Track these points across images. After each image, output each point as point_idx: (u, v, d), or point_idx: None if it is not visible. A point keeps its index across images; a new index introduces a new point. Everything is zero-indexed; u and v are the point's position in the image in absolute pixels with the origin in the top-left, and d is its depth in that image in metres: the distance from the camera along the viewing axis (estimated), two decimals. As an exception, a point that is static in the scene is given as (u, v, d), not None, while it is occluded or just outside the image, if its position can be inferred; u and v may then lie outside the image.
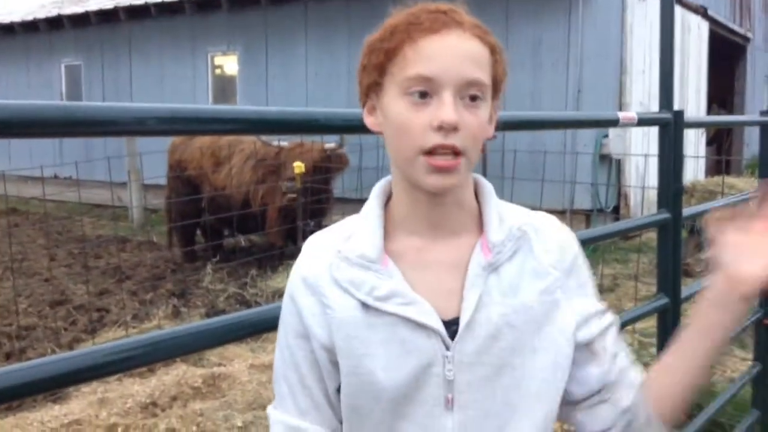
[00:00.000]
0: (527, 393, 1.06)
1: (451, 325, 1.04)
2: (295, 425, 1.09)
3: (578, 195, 8.99)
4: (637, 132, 9.18)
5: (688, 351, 1.10)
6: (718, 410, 3.01)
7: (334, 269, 1.07)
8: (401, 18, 1.04)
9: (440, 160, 0.99)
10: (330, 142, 7.52)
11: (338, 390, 1.09)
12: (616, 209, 9.45)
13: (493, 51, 1.05)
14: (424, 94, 0.99)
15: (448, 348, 1.03)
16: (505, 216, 1.10)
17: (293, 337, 1.10)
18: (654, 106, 2.42)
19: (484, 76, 1.02)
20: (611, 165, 9.43)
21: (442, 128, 0.98)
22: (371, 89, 1.07)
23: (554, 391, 1.08)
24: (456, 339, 1.04)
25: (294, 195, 7.21)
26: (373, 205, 1.11)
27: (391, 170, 1.12)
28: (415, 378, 1.03)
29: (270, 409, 1.14)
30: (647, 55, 9.73)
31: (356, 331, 1.04)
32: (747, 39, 15.82)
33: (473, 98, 1.01)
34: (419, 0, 1.06)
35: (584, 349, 1.11)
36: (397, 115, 1.01)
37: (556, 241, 1.12)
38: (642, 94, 9.75)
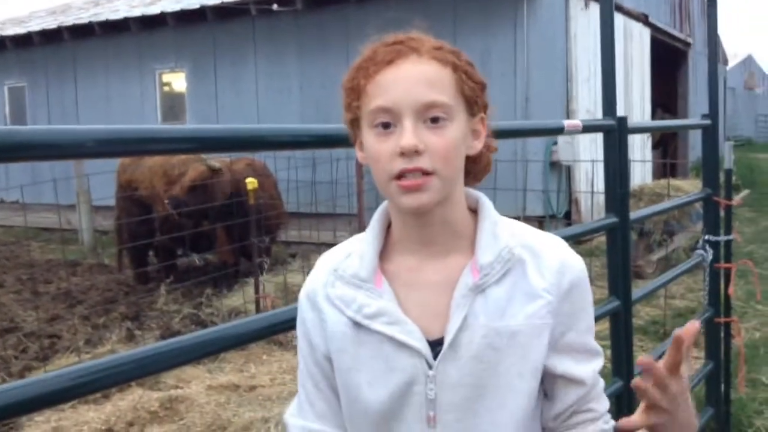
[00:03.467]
0: (511, 415, 1.07)
1: (436, 345, 1.07)
2: (316, 429, 1.15)
3: (530, 202, 9.12)
4: (585, 138, 9.35)
5: None
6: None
7: (329, 287, 1.13)
8: (364, 56, 1.09)
9: (408, 181, 1.03)
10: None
11: None
12: (567, 215, 9.61)
13: (455, 69, 1.08)
14: (387, 125, 1.04)
15: (431, 367, 1.06)
16: (500, 236, 1.11)
17: (306, 346, 1.17)
18: (600, 113, 2.48)
19: (445, 96, 1.05)
20: (561, 171, 9.59)
21: (404, 154, 1.02)
22: (354, 126, 1.12)
23: (532, 410, 1.10)
24: (438, 359, 1.06)
25: (175, 211, 7.09)
26: (373, 226, 1.16)
27: None
28: (398, 395, 1.07)
29: (287, 417, 1.19)
30: (592, 63, 9.94)
31: (346, 346, 1.10)
32: (688, 44, 16.30)
33: (435, 120, 1.04)
34: (383, 30, 1.11)
35: (568, 382, 1.12)
36: (369, 147, 1.07)
37: (554, 265, 1.10)
38: (588, 101, 9.96)
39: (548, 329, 1.08)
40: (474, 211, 1.15)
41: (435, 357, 1.06)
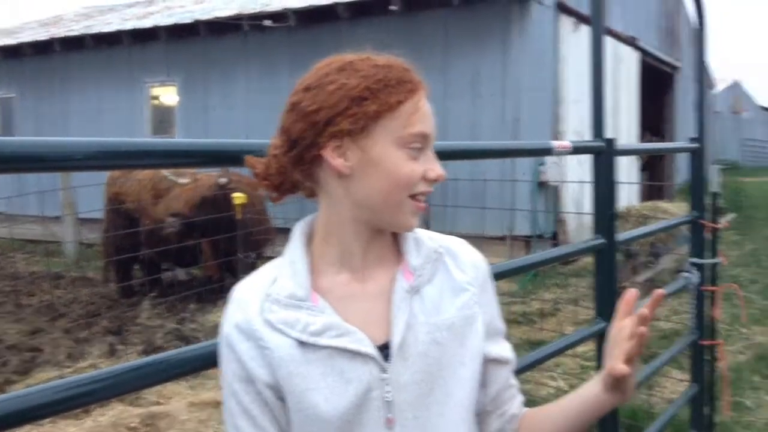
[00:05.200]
0: (458, 402, 1.15)
1: (383, 350, 1.11)
2: None
3: (518, 222, 9.14)
4: (572, 160, 9.41)
5: (568, 411, 1.23)
6: (657, 430, 3.07)
7: (266, 312, 1.11)
8: (387, 71, 1.10)
9: (422, 203, 1.13)
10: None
11: None
12: (554, 235, 9.65)
13: None
14: (418, 149, 1.11)
15: (384, 371, 1.10)
16: (422, 241, 1.20)
17: (238, 383, 1.12)
18: (589, 135, 2.51)
19: None
20: (549, 192, 9.63)
21: (433, 181, 1.13)
22: (348, 134, 1.08)
23: (474, 396, 1.19)
24: (390, 362, 1.10)
25: (174, 230, 7.09)
26: (296, 246, 1.17)
27: (331, 210, 1.14)
28: (356, 404, 1.09)
29: None
30: (582, 85, 10.03)
31: (296, 368, 1.08)
32: (676, 68, 16.49)
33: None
34: (360, 42, 1.14)
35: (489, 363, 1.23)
36: (393, 164, 1.09)
37: (469, 261, 1.23)
38: (578, 122, 10.03)
39: (478, 318, 1.19)
40: None
41: (385, 361, 1.10)
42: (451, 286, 1.18)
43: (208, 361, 1.29)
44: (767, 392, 4.84)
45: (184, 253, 7.71)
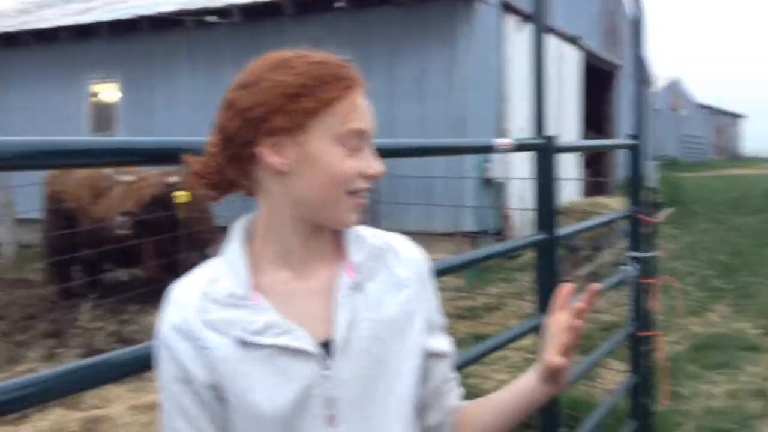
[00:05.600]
0: (399, 397, 1.16)
1: (325, 347, 1.11)
2: None
3: (464, 218, 9.24)
4: (518, 157, 9.56)
5: (505, 403, 1.27)
6: (597, 421, 3.14)
7: (204, 312, 1.10)
8: (323, 68, 1.09)
9: (361, 199, 1.13)
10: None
11: None
12: (500, 231, 9.78)
13: None
14: (356, 146, 1.11)
15: (327, 369, 1.10)
16: (363, 238, 1.21)
17: (175, 384, 1.10)
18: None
19: None
20: (495, 189, 9.76)
21: (370, 177, 1.12)
22: (284, 131, 1.08)
23: (415, 390, 1.20)
24: (333, 358, 1.10)
25: (126, 232, 6.97)
26: (235, 245, 1.15)
27: (270, 208, 1.14)
28: (297, 402, 1.08)
29: None
30: (526, 83, 10.19)
31: (236, 368, 1.08)
32: (617, 66, 16.88)
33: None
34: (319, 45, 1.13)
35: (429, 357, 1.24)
36: (330, 161, 1.09)
37: (410, 257, 1.24)
38: (523, 120, 10.18)
39: (418, 313, 1.20)
40: None
41: (328, 358, 1.11)
42: (392, 282, 1.18)
43: (149, 362, 1.27)
44: (703, 381, 5.01)
45: (127, 253, 7.55)
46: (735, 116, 50.98)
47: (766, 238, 11.22)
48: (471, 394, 1.36)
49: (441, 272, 2.19)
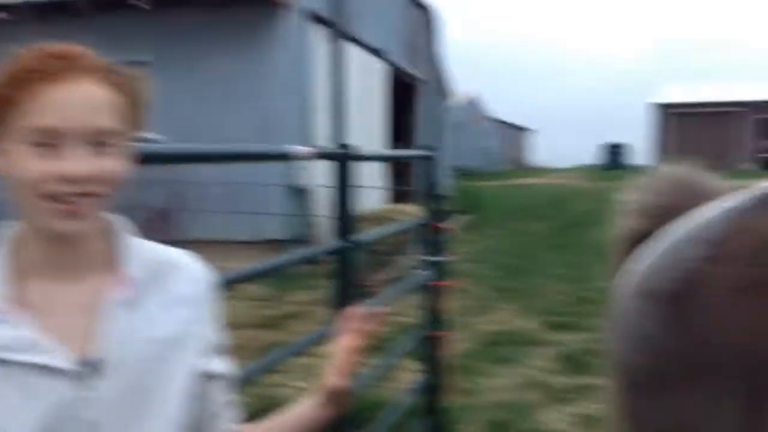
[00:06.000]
0: (167, 418, 1.11)
1: (89, 366, 1.04)
2: None
3: (270, 225, 9.21)
4: (323, 165, 9.69)
5: (287, 427, 1.27)
6: (389, 421, 3.27)
7: None
8: (22, 63, 1.01)
9: (66, 205, 1.00)
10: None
11: None
12: (308, 239, 9.85)
13: (123, 92, 1.05)
14: (48, 144, 0.99)
15: (87, 389, 1.03)
16: (142, 252, 1.14)
17: None
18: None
19: (115, 122, 1.03)
20: (301, 196, 9.83)
21: (66, 179, 0.99)
22: None
23: (184, 411, 1.14)
24: (94, 379, 1.03)
25: None
26: None
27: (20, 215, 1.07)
28: (49, 425, 1.01)
29: None
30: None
31: None
32: (420, 80, 17.67)
33: (101, 144, 1.01)
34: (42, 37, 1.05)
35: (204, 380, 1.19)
36: (17, 162, 0.99)
37: (190, 274, 1.18)
38: (330, 129, 10.33)
39: (195, 333, 1.15)
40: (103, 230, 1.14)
41: (88, 379, 1.04)
42: (172, 300, 1.13)
43: None
44: (490, 376, 5.39)
45: None
46: (524, 130, 55.44)
47: (552, 242, 12.29)
48: (269, 404, 1.37)
49: (238, 281, 2.19)
